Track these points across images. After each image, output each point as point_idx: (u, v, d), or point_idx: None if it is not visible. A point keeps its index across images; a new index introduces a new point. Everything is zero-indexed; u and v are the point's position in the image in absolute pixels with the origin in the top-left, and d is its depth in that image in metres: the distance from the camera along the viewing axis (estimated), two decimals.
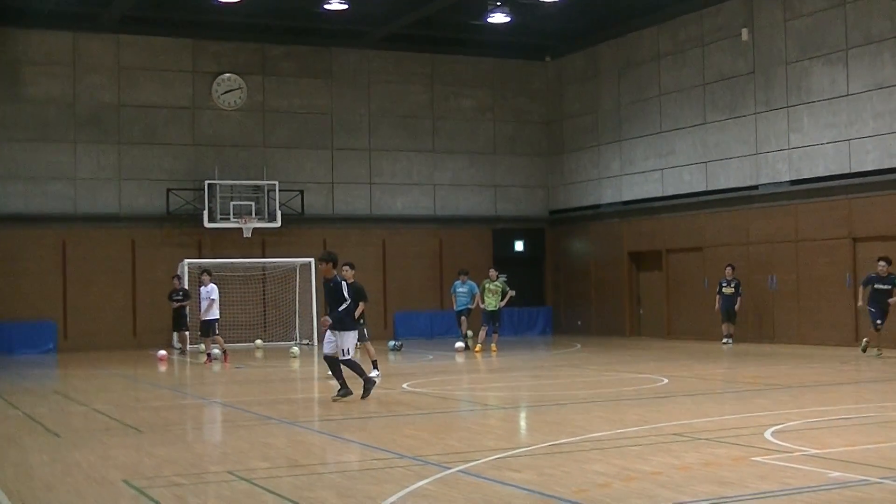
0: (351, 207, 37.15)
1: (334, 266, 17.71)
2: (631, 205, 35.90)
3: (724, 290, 30.46)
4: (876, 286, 24.96)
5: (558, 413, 15.88)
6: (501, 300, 29.61)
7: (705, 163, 32.87)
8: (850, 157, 28.23)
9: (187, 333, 30.85)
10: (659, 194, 34.68)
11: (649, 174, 35.08)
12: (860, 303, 25.47)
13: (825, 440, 12.39)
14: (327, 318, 17.59)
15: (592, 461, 11.19)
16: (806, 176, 29.53)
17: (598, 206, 37.45)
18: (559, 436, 13.03)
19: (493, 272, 30.28)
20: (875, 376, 20.84)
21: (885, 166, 27.31)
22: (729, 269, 30.48)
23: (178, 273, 32.39)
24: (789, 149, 30.00)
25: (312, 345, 32.98)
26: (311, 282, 33.81)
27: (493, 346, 29.32)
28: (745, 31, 31.38)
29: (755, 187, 31.11)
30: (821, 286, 29.01)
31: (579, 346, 31.78)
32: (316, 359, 29.65)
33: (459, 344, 29.70)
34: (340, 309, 17.29)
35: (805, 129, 29.56)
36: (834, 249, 28.69)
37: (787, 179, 30.07)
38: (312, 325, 33.59)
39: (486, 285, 29.70)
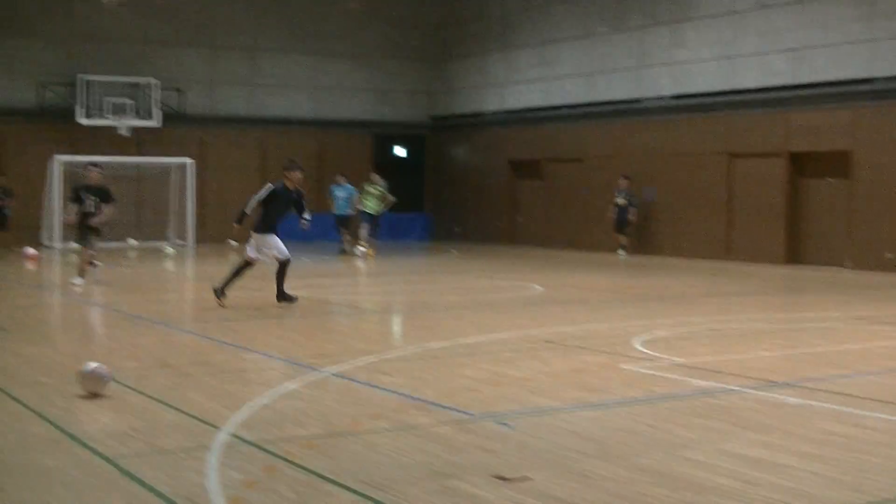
0: (231, 108, 36.55)
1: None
2: (514, 113, 35.90)
3: (617, 201, 30.69)
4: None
5: (431, 318, 15.94)
6: (381, 204, 29.48)
7: (589, 74, 32.94)
8: (732, 74, 28.51)
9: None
10: (542, 104, 34.71)
11: (533, 83, 35.06)
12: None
13: (692, 349, 12.61)
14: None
15: (463, 366, 11.25)
16: (687, 91, 29.79)
17: (480, 114, 37.39)
18: (431, 341, 13.06)
19: (375, 176, 30.11)
20: (744, 289, 21.26)
21: (765, 84, 27.64)
22: (623, 181, 30.67)
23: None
24: (672, 63, 30.19)
25: (186, 245, 32.55)
26: (187, 183, 33.30)
27: (370, 250, 29.18)
28: None
29: (637, 100, 31.30)
30: (697, 200, 29.41)
31: (456, 252, 31.86)
32: (191, 260, 29.33)
33: (360, 249, 29.18)
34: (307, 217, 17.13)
35: (689, 45, 29.75)
36: (711, 165, 29.06)
37: (669, 94, 30.31)
38: (187, 226, 33.14)
39: (367, 188, 29.57)
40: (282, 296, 16.89)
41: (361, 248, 29.03)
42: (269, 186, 17.17)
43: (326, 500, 6.45)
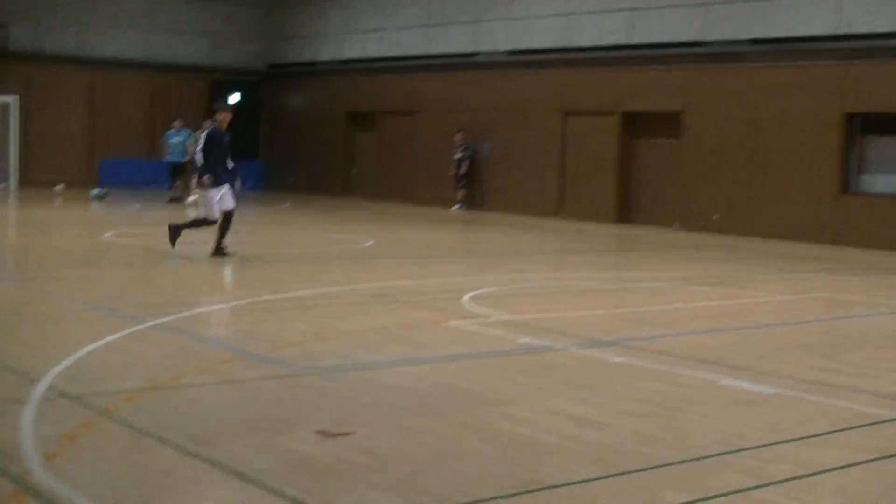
0: (59, 46, 35.39)
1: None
2: (350, 64, 35.63)
3: (454, 155, 30.75)
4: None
5: (262, 270, 15.76)
6: None
7: (426, 26, 32.87)
8: (568, 31, 28.77)
9: None
10: (379, 55, 34.52)
11: (371, 34, 34.83)
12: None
13: (519, 306, 12.74)
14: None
15: (291, 319, 11.16)
16: (524, 47, 29.98)
17: (317, 63, 37.02)
18: (260, 293, 12.91)
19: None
20: (574, 247, 21.57)
21: (601, 43, 27.98)
22: (458, 136, 30.73)
23: None
24: (509, 19, 30.31)
25: (9, 188, 31.42)
26: (10, 122, 32.14)
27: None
28: None
29: (473, 55, 31.38)
30: (532, 157, 29.68)
31: (289, 203, 31.59)
32: (13, 203, 28.45)
33: (192, 198, 28.33)
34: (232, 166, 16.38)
35: (527, 1, 29.90)
36: (545, 121, 29.33)
37: (506, 49, 30.46)
38: (9, 168, 32.00)
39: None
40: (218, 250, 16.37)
41: (195, 198, 28.40)
42: (205, 133, 16.36)
43: (148, 456, 6.31)
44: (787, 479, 6.20)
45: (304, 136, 37.53)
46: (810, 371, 9.40)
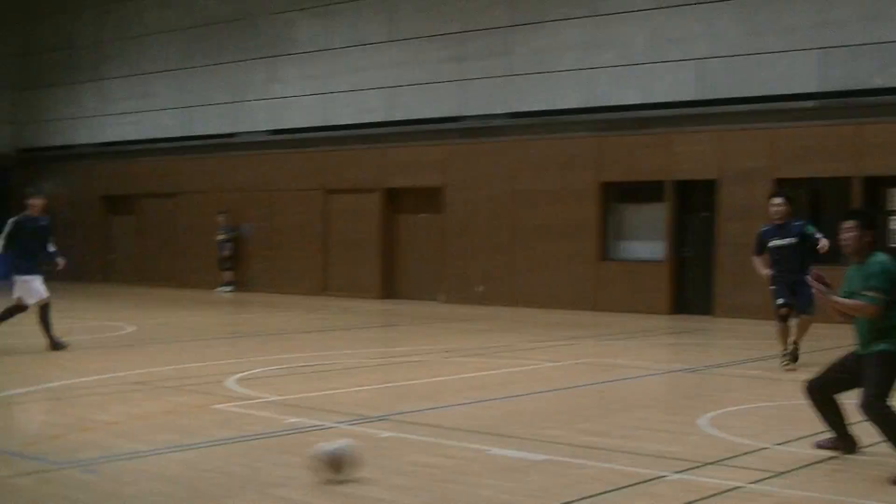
0: None
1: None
2: (107, 146, 34.87)
3: (218, 237, 30.34)
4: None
5: (12, 362, 15.04)
6: None
7: (185, 107, 32.51)
8: (328, 110, 28.91)
9: None
10: (136, 137, 33.91)
11: (128, 116, 34.22)
12: None
13: (286, 387, 12.55)
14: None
15: (47, 412, 10.75)
16: (285, 126, 29.96)
17: (72, 146, 36.08)
18: (14, 386, 12.33)
19: None
20: (340, 324, 21.51)
21: (360, 121, 28.20)
22: (221, 217, 30.36)
23: None
24: (269, 99, 30.28)
25: None
26: None
27: None
28: None
29: (233, 135, 31.18)
30: (295, 236, 29.57)
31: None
32: None
33: None
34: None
35: (286, 80, 29.95)
36: (308, 200, 29.31)
37: (266, 129, 30.37)
38: None
39: None
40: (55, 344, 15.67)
41: None
42: (11, 220, 15.86)
43: None
44: None
45: (59, 222, 36.30)
46: (578, 435, 9.54)
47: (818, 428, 9.68)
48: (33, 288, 15.96)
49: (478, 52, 26.13)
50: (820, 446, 8.85)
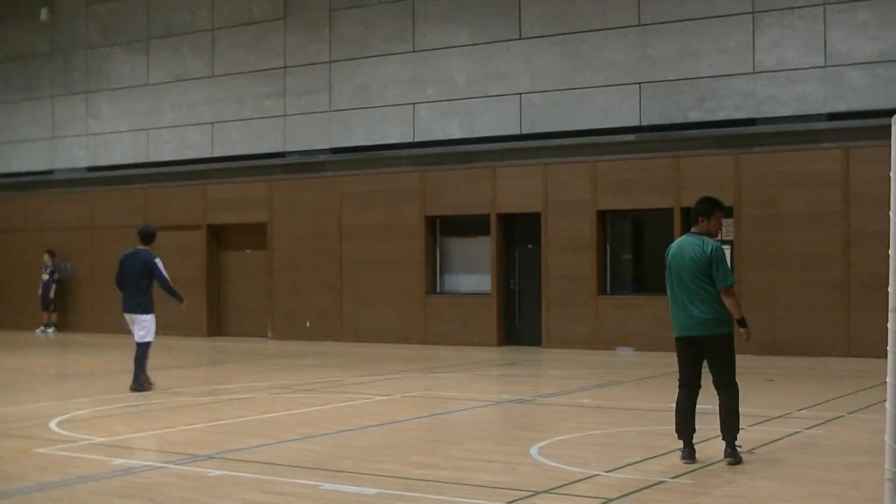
0: None
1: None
2: None
3: (42, 276, 29.49)
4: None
5: None
6: None
7: (1, 143, 31.61)
8: (149, 146, 28.47)
9: None
10: None
11: None
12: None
13: (112, 427, 12.27)
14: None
15: None
16: (103, 163, 29.37)
17: None
18: None
19: None
20: (167, 363, 21.13)
21: (182, 157, 27.83)
22: (47, 256, 29.54)
23: None
24: (87, 135, 29.67)
25: None
26: None
27: None
28: (44, 11, 30.50)
29: (51, 172, 30.42)
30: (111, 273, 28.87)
31: None
32: None
33: None
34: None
35: (104, 116, 29.39)
36: (130, 237, 28.64)
37: (85, 165, 29.73)
38: None
39: None
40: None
41: None
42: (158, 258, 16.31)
43: None
44: None
45: None
46: (410, 468, 9.55)
47: (648, 454, 9.93)
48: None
49: (300, 88, 26.09)
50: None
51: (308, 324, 25.64)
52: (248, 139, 26.86)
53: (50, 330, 29.33)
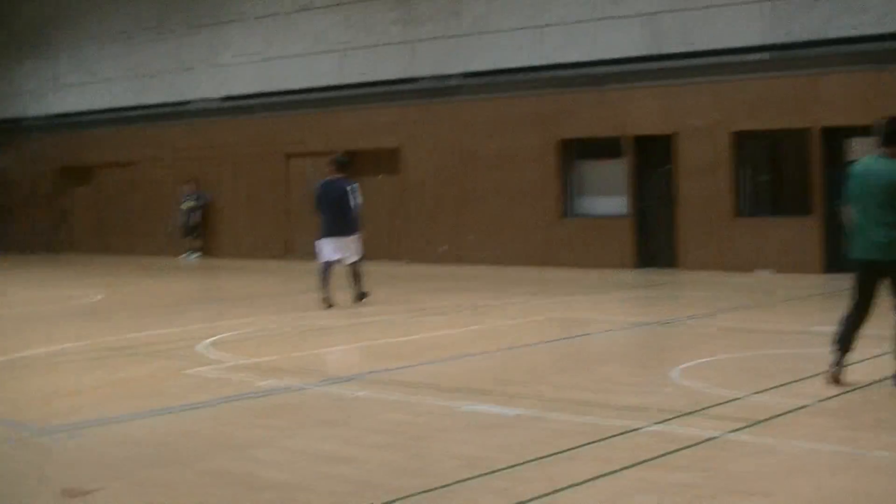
0: None
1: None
2: (58, 118, 34.59)
3: (182, 204, 30.24)
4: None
5: None
6: None
7: (133, 78, 32.25)
8: (277, 75, 28.72)
9: None
10: (87, 108, 33.63)
11: (76, 88, 33.91)
12: None
13: (258, 350, 12.63)
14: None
15: (26, 379, 10.84)
16: (235, 93, 29.78)
17: (21, 120, 35.75)
18: None
19: None
20: (306, 287, 21.52)
21: (312, 85, 28.07)
22: (187, 185, 30.23)
23: None
24: (218, 65, 30.06)
25: None
26: None
27: None
28: None
29: (185, 103, 30.97)
30: (255, 201, 29.51)
31: (8, 264, 30.39)
32: None
33: None
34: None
35: (234, 46, 29.67)
36: (266, 165, 29.23)
37: (217, 96, 30.18)
38: None
39: None
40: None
41: None
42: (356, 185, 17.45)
43: None
44: (537, 497, 6.35)
45: (15, 195, 36.16)
46: (548, 390, 9.67)
47: (794, 376, 9.84)
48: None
49: (428, 13, 26.05)
50: None
51: (443, 248, 25.82)
52: (377, 65, 26.98)
53: (194, 256, 30.03)
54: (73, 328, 15.04)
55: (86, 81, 33.60)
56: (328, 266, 17.11)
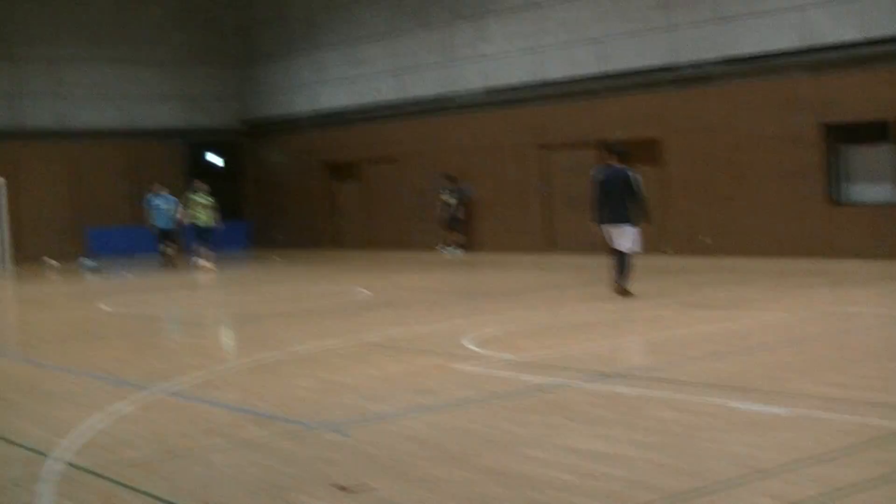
0: (36, 122, 35.52)
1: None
2: (325, 115, 35.73)
3: (443, 198, 30.77)
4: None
5: (260, 328, 15.74)
6: (213, 214, 28.41)
7: (398, 72, 32.98)
8: (539, 65, 28.89)
9: None
10: (353, 104, 34.62)
11: (342, 84, 34.93)
12: None
13: (522, 345, 12.70)
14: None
15: (295, 376, 11.14)
16: (496, 85, 30.08)
17: (292, 117, 37.12)
18: (261, 351, 12.89)
19: (200, 185, 28.83)
20: (569, 281, 21.57)
21: (572, 75, 28.10)
22: (446, 179, 30.78)
23: None
24: (480, 57, 30.43)
25: (4, 267, 31.28)
26: (0, 202, 32.12)
27: (210, 263, 28.13)
28: None
29: (447, 96, 31.47)
30: (515, 193, 29.75)
31: (279, 259, 31.59)
32: (10, 282, 28.38)
33: (201, 262, 28.01)
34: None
35: (495, 38, 30.04)
36: (525, 157, 29.42)
37: (479, 88, 30.55)
38: (4, 247, 31.98)
39: (195, 198, 28.45)
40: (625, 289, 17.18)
41: (202, 262, 27.98)
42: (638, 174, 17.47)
43: None
44: (813, 499, 6.18)
45: (286, 190, 37.61)
46: (821, 387, 9.39)
47: None
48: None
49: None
50: None
51: (707, 239, 25.39)
52: (635, 54, 26.75)
53: (457, 250, 30.47)
54: (338, 324, 15.47)
55: (350, 77, 34.55)
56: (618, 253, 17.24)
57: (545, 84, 28.83)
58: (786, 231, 24.07)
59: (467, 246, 30.66)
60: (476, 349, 12.31)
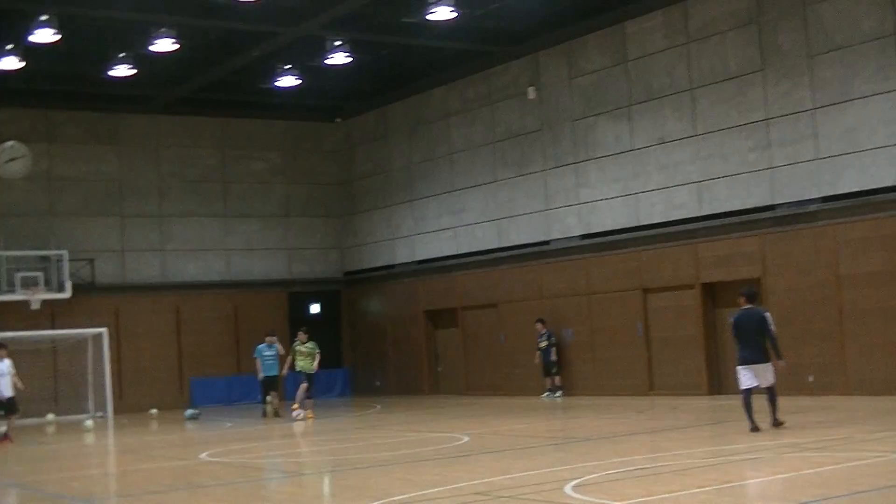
0: (143, 275, 36.38)
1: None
2: (425, 263, 36.07)
3: (539, 344, 30.75)
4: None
5: (359, 476, 15.68)
6: (314, 362, 28.67)
7: (497, 219, 33.30)
8: (638, 209, 28.99)
9: None
10: (452, 252, 34.94)
11: (442, 232, 35.34)
12: None
13: (624, 491, 12.50)
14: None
15: None
16: (595, 230, 30.20)
17: (392, 266, 37.55)
18: (361, 500, 12.84)
19: (303, 335, 29.19)
20: (670, 424, 21.29)
21: (670, 218, 28.13)
22: (539, 325, 30.79)
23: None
24: (578, 203, 30.64)
25: (106, 416, 31.91)
26: (102, 352, 32.86)
27: (309, 412, 28.24)
28: (531, 90, 32.03)
29: (546, 242, 31.64)
30: (614, 337, 29.60)
31: (379, 406, 31.63)
32: (111, 431, 28.74)
33: (299, 412, 28.14)
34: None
35: (593, 184, 30.25)
36: (625, 301, 29.34)
37: (578, 234, 30.69)
38: (106, 397, 32.60)
39: (298, 348, 28.74)
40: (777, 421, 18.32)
41: (300, 412, 28.05)
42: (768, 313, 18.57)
43: None
44: None
45: (386, 338, 37.84)
46: None
47: None
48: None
49: (784, 138, 25.67)
50: None
51: (810, 378, 24.95)
52: (735, 194, 26.72)
53: (557, 395, 30.28)
54: (437, 472, 15.34)
55: (449, 226, 34.94)
56: (748, 393, 18.22)
57: (643, 227, 28.85)
58: (892, 368, 23.55)
59: (568, 390, 30.43)
60: (577, 495, 12.13)
